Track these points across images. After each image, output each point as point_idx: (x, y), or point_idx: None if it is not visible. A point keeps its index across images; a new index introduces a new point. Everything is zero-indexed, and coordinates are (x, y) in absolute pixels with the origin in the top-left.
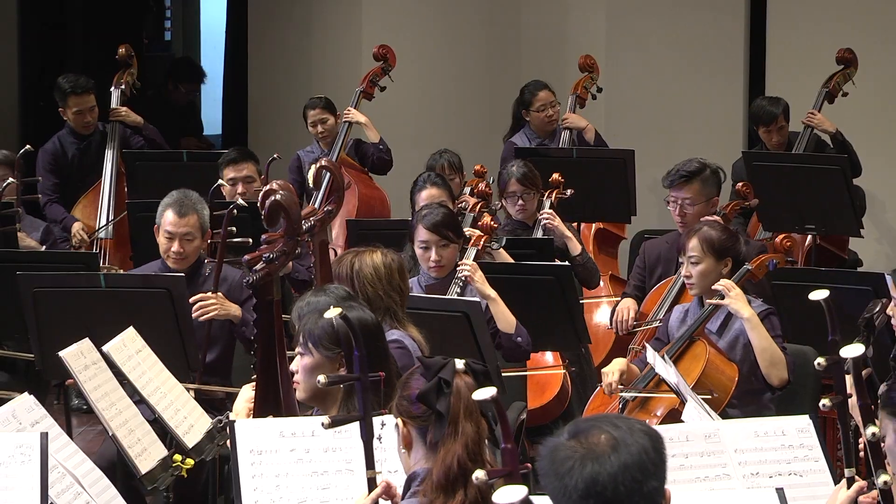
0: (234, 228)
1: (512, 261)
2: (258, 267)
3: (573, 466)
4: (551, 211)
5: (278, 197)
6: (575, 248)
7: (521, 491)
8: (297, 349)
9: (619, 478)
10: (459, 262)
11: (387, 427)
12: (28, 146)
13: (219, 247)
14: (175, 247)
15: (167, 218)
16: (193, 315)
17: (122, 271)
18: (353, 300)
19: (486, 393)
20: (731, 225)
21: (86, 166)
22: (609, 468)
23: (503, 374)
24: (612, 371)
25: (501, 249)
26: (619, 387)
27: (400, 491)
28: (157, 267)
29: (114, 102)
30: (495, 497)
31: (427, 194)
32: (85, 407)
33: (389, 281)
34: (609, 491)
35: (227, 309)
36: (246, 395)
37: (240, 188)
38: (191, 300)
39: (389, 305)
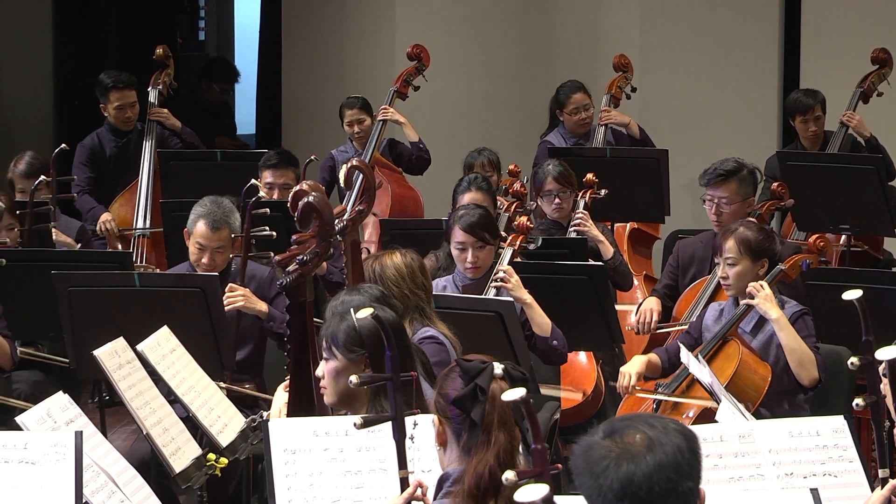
0: (266, 228)
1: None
2: (291, 268)
3: (608, 466)
4: (585, 212)
5: (311, 199)
6: (607, 251)
7: (541, 490)
8: (322, 354)
9: (655, 478)
10: (497, 265)
11: (419, 427)
12: (63, 145)
13: (243, 243)
14: (205, 259)
15: (199, 229)
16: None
17: (158, 271)
18: (386, 299)
19: (515, 394)
20: (767, 225)
21: (123, 164)
22: (644, 468)
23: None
24: (629, 373)
25: None
26: (636, 388)
27: (432, 490)
28: (185, 269)
29: (151, 102)
30: (516, 496)
31: (470, 197)
32: (107, 398)
33: (413, 279)
34: (644, 491)
35: (252, 304)
36: (282, 398)
37: (276, 194)
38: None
39: (417, 303)
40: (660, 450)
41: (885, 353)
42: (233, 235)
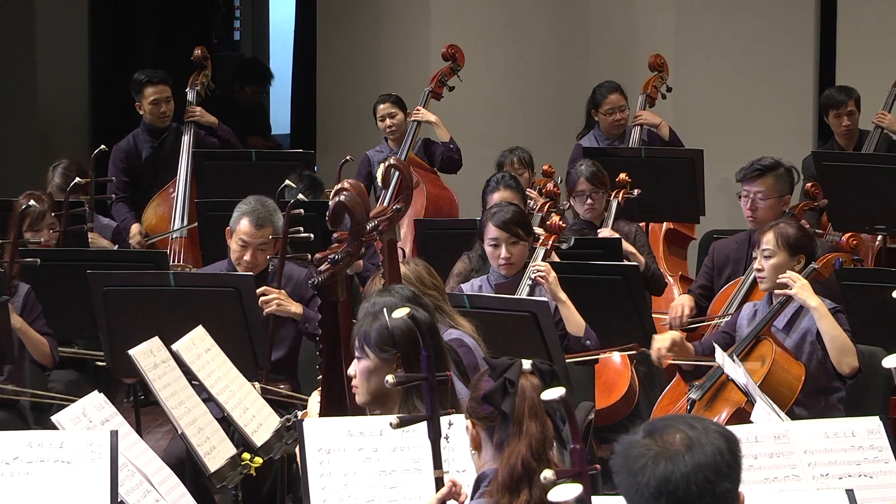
0: (300, 228)
1: (558, 259)
2: (323, 268)
3: (646, 464)
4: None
5: (342, 197)
6: (639, 263)
7: (574, 489)
8: (354, 353)
9: (692, 477)
10: (531, 263)
11: (454, 426)
12: (103, 146)
13: (280, 244)
14: (247, 256)
15: (242, 226)
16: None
17: (194, 270)
18: (418, 299)
19: (554, 393)
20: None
21: (158, 165)
22: (682, 468)
23: (571, 361)
24: (664, 338)
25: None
26: (668, 354)
27: (468, 490)
28: (223, 267)
29: (190, 101)
30: (550, 496)
31: (499, 196)
32: (142, 397)
33: (422, 282)
34: (681, 490)
35: (287, 306)
36: (318, 399)
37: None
38: (257, 292)
39: (434, 303)
40: (699, 450)
41: (890, 362)
42: (271, 237)
